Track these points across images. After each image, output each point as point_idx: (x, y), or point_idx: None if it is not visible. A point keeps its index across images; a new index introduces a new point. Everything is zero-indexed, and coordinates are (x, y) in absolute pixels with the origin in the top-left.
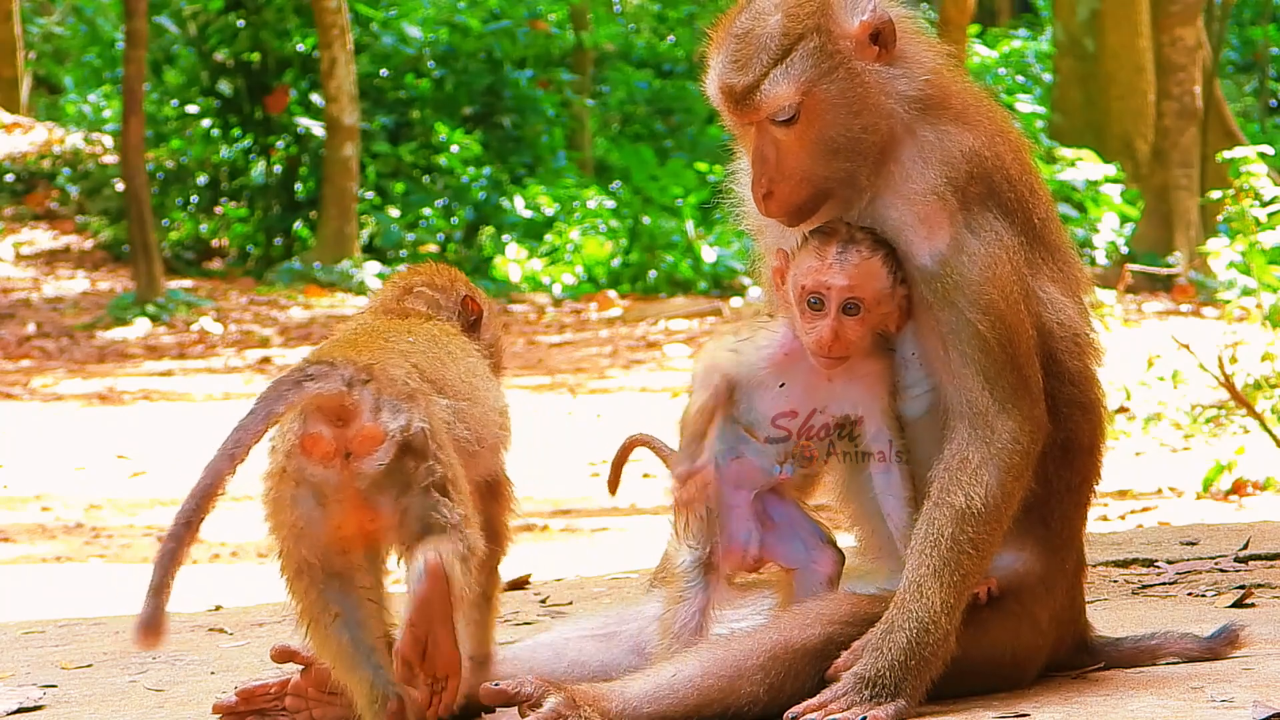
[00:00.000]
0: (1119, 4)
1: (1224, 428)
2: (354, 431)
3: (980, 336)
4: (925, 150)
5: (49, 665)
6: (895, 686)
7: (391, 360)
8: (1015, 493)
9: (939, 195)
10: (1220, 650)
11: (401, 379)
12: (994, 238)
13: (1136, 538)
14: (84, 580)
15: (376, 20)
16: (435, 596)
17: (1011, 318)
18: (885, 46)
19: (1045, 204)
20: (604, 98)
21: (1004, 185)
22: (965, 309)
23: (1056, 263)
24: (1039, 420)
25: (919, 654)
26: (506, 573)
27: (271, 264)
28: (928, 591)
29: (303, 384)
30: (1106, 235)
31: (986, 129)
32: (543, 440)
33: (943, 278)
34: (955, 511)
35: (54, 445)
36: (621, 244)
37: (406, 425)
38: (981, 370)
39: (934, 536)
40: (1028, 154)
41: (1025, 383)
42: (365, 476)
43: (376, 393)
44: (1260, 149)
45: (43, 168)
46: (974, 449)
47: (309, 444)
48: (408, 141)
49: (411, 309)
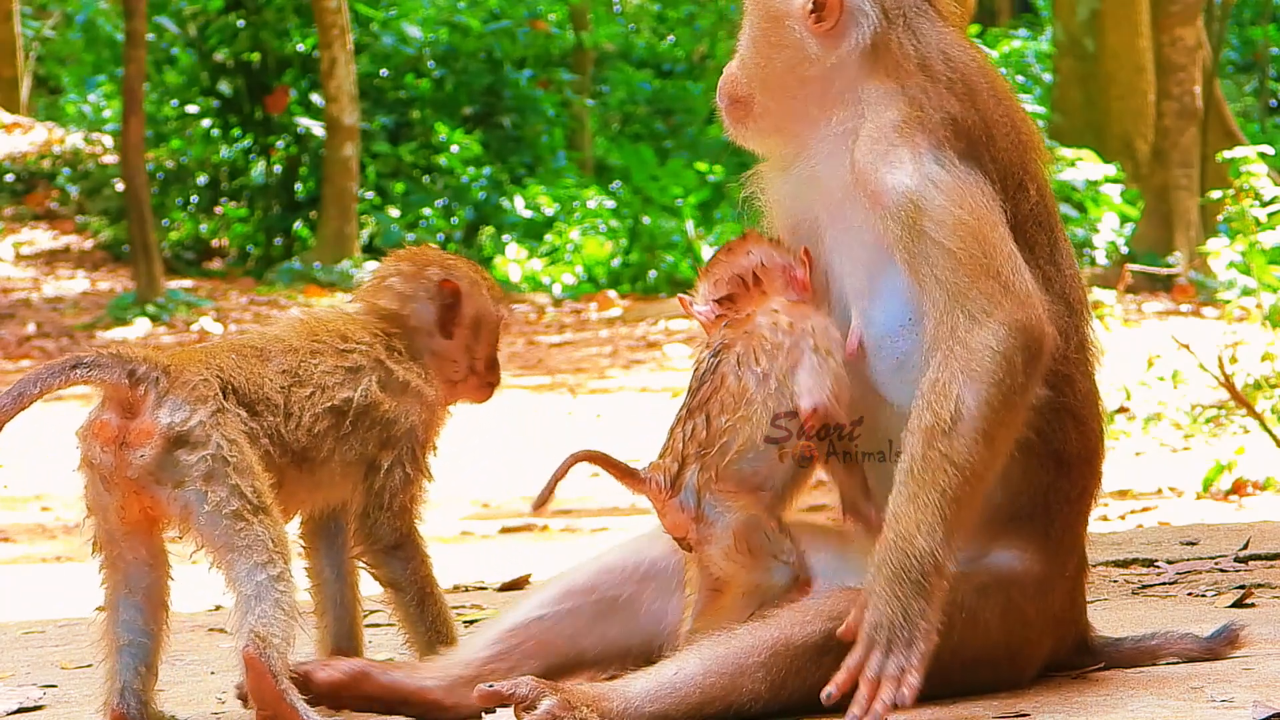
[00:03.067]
0: (1119, 4)
1: (1224, 428)
2: (135, 424)
3: (948, 254)
4: (894, 100)
5: (49, 665)
6: (906, 623)
7: (192, 366)
8: (998, 400)
9: (903, 133)
10: (1220, 650)
11: (195, 383)
12: (969, 178)
13: (1136, 538)
14: (84, 580)
15: (376, 20)
16: (261, 686)
17: (984, 229)
18: (824, 19)
19: (1040, 199)
20: (604, 98)
21: (988, 158)
22: (932, 231)
23: (1049, 262)
24: (1024, 322)
25: (909, 580)
26: (506, 573)
27: (271, 264)
28: (902, 518)
29: (70, 370)
30: (1106, 235)
31: (979, 104)
32: (543, 440)
33: (907, 206)
34: (923, 432)
35: (54, 445)
36: (621, 244)
37: (180, 423)
38: (950, 289)
39: (906, 465)
40: (1033, 149)
41: (1005, 287)
42: (134, 467)
43: (163, 391)
44: (1260, 149)
45: (43, 168)
46: (943, 370)
47: (96, 428)
48: (408, 141)
49: (384, 306)
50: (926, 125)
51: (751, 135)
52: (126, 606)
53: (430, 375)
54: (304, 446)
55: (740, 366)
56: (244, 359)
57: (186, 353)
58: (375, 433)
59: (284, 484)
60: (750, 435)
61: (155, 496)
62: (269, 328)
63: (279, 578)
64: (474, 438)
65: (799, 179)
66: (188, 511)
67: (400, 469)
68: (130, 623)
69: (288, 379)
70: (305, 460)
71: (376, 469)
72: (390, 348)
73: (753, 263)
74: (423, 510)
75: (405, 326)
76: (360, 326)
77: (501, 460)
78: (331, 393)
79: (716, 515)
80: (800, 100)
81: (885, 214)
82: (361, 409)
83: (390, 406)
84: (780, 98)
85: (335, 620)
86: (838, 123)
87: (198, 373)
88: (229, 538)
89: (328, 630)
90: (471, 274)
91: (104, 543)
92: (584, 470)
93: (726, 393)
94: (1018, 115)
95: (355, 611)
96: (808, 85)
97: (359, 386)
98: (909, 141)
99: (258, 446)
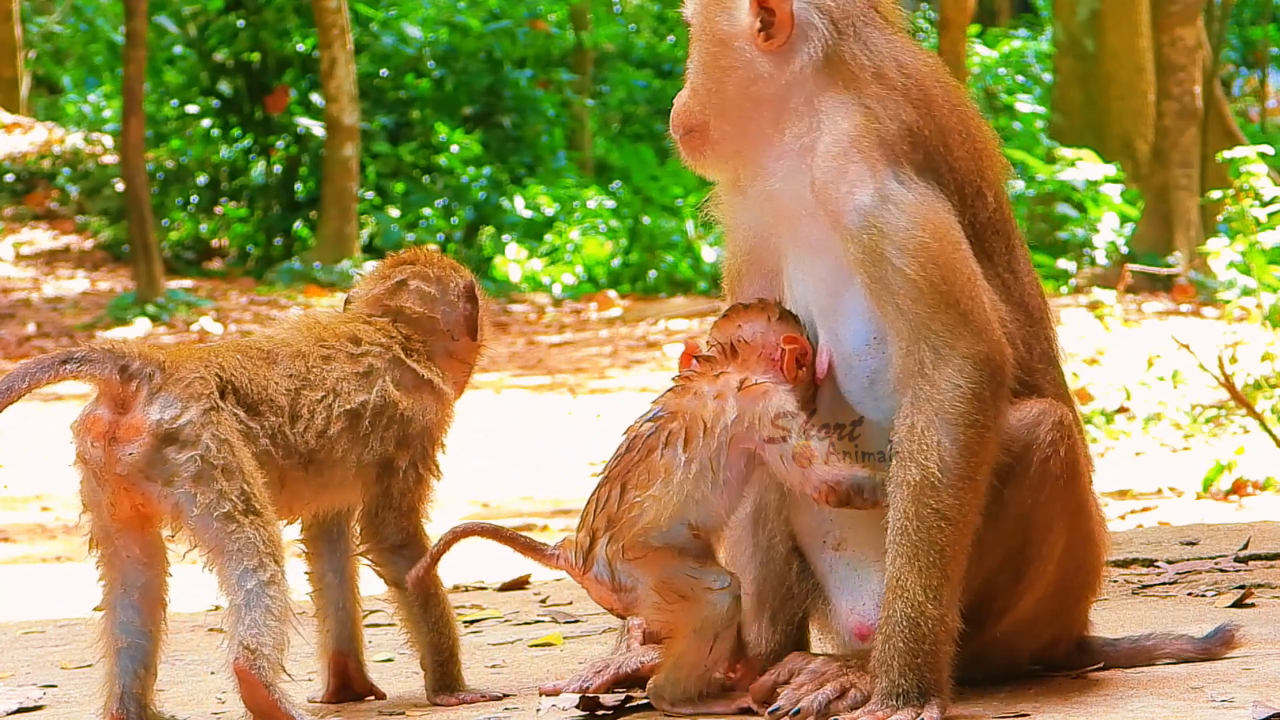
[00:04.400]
0: (1119, 4)
1: (1224, 428)
2: (125, 419)
3: (910, 282)
4: (850, 112)
5: (49, 665)
6: (920, 689)
7: (189, 364)
8: (975, 442)
9: (860, 146)
10: (1215, 651)
11: (190, 380)
12: (928, 193)
13: (1136, 538)
14: (84, 580)
15: (376, 20)
16: (254, 697)
17: (945, 251)
18: (773, 36)
19: (998, 205)
20: (604, 98)
21: (945, 168)
22: (893, 257)
23: (1008, 269)
24: (985, 354)
25: (921, 649)
26: (506, 573)
27: (271, 264)
28: (908, 584)
29: (60, 365)
30: (1106, 235)
31: (934, 113)
32: (543, 440)
33: (869, 229)
34: (913, 487)
35: (54, 445)
36: (621, 244)
37: (170, 420)
38: (913, 320)
39: (900, 522)
40: (989, 156)
41: (964, 318)
42: (123, 463)
43: (156, 387)
44: (1260, 149)
45: (43, 168)
46: (917, 412)
47: (88, 422)
48: (408, 141)
49: (410, 309)
50: (884, 137)
51: (710, 163)
52: (124, 607)
53: (446, 375)
54: (312, 449)
55: (668, 445)
56: (249, 359)
57: (186, 350)
58: (393, 432)
59: (287, 485)
60: (658, 515)
61: (146, 493)
62: (276, 331)
63: (269, 582)
64: (474, 438)
65: (758, 199)
66: (178, 510)
67: (414, 469)
68: (128, 623)
69: (296, 382)
70: (312, 462)
71: (393, 469)
72: (408, 349)
73: (737, 335)
74: (430, 510)
75: (429, 328)
76: (374, 329)
77: (501, 460)
78: (347, 397)
79: (633, 581)
80: (756, 121)
81: (846, 235)
82: (378, 409)
83: (407, 405)
84: (736, 121)
85: (337, 624)
86: (793, 138)
87: (194, 370)
88: (220, 540)
89: (329, 633)
90: (472, 277)
91: (99, 540)
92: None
93: (646, 467)
94: (973, 122)
95: (356, 615)
96: (762, 105)
97: (374, 388)
98: (867, 157)
99: (255, 446)
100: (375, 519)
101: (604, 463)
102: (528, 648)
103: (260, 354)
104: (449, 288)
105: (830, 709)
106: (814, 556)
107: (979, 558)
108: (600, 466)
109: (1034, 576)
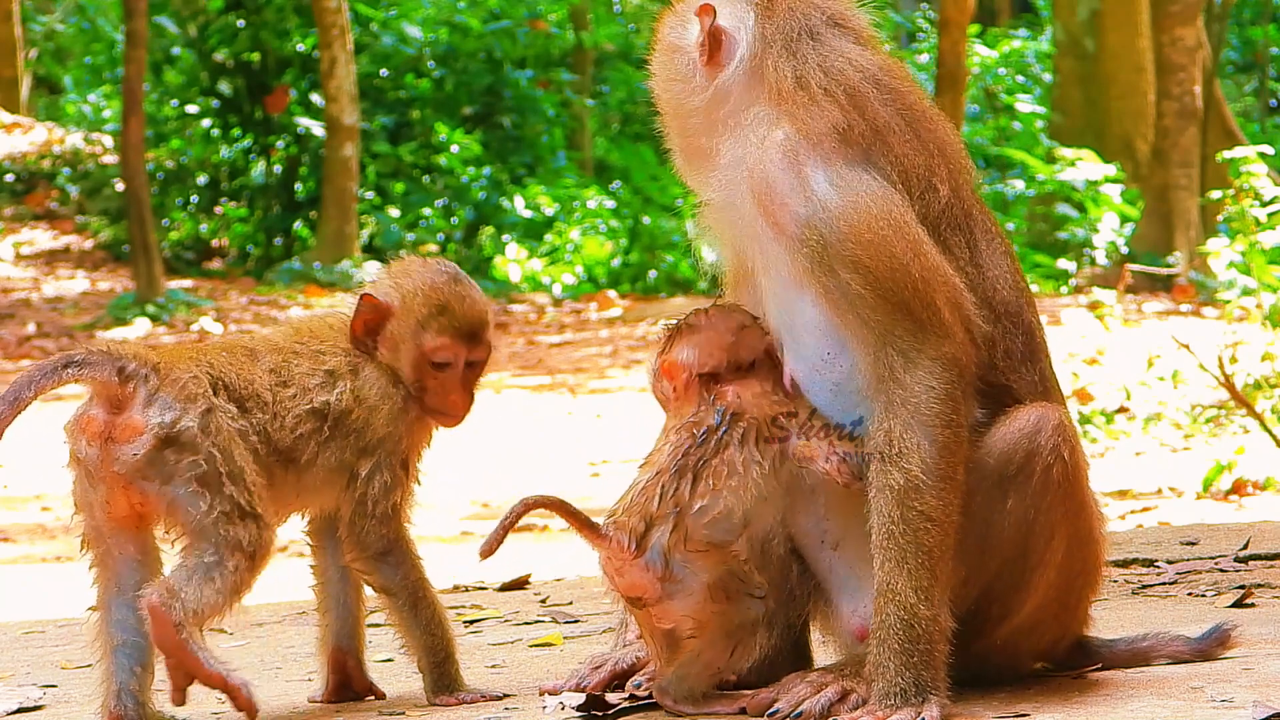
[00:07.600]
0: (1119, 4)
1: (1224, 428)
2: (121, 419)
3: (861, 296)
4: (777, 122)
5: (49, 665)
6: (918, 688)
7: (182, 364)
8: (953, 441)
9: (787, 152)
10: (1211, 651)
11: (185, 381)
12: (866, 180)
13: (1136, 538)
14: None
15: (376, 20)
16: (163, 635)
17: (892, 258)
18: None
19: (954, 199)
20: (604, 98)
21: (884, 162)
22: (840, 269)
23: (970, 264)
24: (952, 354)
25: (916, 650)
26: (506, 573)
27: (271, 264)
28: (898, 587)
29: (62, 369)
30: (1106, 235)
31: (866, 112)
32: (543, 440)
33: (812, 237)
34: (896, 492)
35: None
36: (621, 244)
37: (170, 423)
38: (875, 328)
39: (885, 527)
40: (940, 152)
41: (925, 321)
42: (121, 462)
43: (154, 389)
44: (1260, 149)
45: (43, 168)
46: (892, 417)
47: (83, 422)
48: (408, 141)
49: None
50: (811, 139)
51: (680, 171)
52: (119, 606)
53: (401, 385)
54: (288, 446)
55: (745, 443)
56: (234, 356)
57: (177, 350)
58: (351, 440)
59: (272, 483)
60: (731, 510)
61: (142, 492)
62: (263, 329)
63: (234, 570)
64: (474, 438)
65: (719, 211)
66: (174, 509)
67: (379, 476)
68: (123, 622)
69: (274, 378)
70: (291, 461)
71: (355, 476)
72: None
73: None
74: (412, 515)
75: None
76: (341, 332)
77: (502, 460)
78: (311, 395)
79: (686, 574)
80: (693, 132)
81: (791, 245)
82: (338, 414)
83: (360, 414)
84: (679, 130)
85: (338, 619)
86: (727, 152)
87: (187, 370)
88: (213, 539)
89: (329, 629)
90: (418, 295)
91: (92, 539)
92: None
93: (722, 462)
94: (920, 120)
95: (358, 611)
96: (694, 116)
97: (334, 390)
98: (794, 162)
99: (247, 444)
100: (354, 527)
101: (646, 456)
102: (528, 648)
103: (245, 351)
104: (359, 295)
105: (831, 711)
106: (813, 557)
107: (980, 565)
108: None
109: (1036, 583)
